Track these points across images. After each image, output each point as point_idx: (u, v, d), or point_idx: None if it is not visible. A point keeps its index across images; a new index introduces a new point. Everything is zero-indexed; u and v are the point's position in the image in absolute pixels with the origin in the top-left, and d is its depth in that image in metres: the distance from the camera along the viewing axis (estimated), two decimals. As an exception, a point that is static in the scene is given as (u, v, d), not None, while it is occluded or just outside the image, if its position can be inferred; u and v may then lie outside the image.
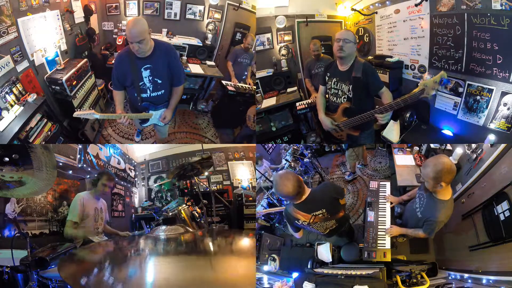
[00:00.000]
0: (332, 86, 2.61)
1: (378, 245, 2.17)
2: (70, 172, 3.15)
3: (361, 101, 2.49)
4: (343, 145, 3.90)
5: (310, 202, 2.01)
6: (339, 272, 2.04)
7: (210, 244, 1.94)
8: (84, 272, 1.35)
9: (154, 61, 2.47)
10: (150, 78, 2.50)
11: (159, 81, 2.54)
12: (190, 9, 4.76)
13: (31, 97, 2.76)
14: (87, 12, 3.94)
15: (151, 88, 2.55)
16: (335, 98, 2.60)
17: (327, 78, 2.66)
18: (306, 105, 3.90)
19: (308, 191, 2.03)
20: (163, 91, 2.60)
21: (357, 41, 2.53)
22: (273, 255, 2.79)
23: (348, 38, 2.42)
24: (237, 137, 4.50)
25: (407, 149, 3.20)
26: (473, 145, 2.45)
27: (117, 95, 2.62)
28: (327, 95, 2.70)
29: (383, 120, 2.32)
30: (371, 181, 2.69)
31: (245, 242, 1.97)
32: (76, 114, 2.37)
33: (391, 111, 2.28)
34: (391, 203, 2.45)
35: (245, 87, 4.37)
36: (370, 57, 3.89)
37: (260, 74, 4.39)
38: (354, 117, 2.47)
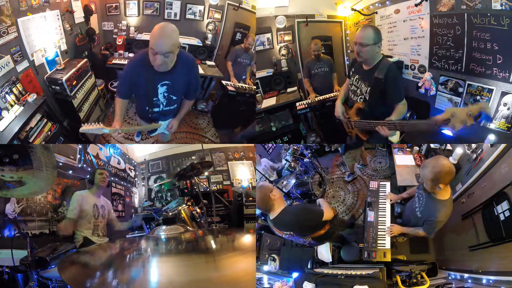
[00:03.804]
0: (353, 83, 2.50)
1: (378, 245, 2.17)
2: (70, 172, 3.16)
3: (376, 106, 2.33)
4: (339, 148, 3.89)
5: (279, 221, 2.09)
6: (339, 272, 2.04)
7: (212, 242, 1.94)
8: (87, 275, 1.35)
9: (174, 78, 2.19)
10: (166, 94, 2.27)
11: (174, 98, 2.33)
12: (190, 9, 4.77)
13: (31, 97, 2.77)
14: (87, 12, 3.94)
15: (164, 103, 2.34)
16: (353, 95, 2.52)
17: (351, 73, 2.55)
18: (306, 105, 3.90)
19: (281, 208, 2.07)
20: (176, 105, 2.43)
21: (380, 39, 2.23)
22: (273, 255, 2.78)
23: (364, 41, 2.20)
24: (239, 135, 4.50)
25: (407, 149, 3.20)
26: (473, 145, 2.45)
27: (119, 103, 2.31)
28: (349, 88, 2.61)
29: (390, 136, 2.16)
30: (371, 181, 2.69)
31: (247, 239, 1.97)
32: (83, 129, 2.06)
33: (400, 130, 2.10)
34: (391, 200, 2.45)
35: (245, 87, 4.37)
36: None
37: (260, 74, 4.38)
38: (364, 120, 2.36)
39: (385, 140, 2.69)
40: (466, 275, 2.00)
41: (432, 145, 3.04)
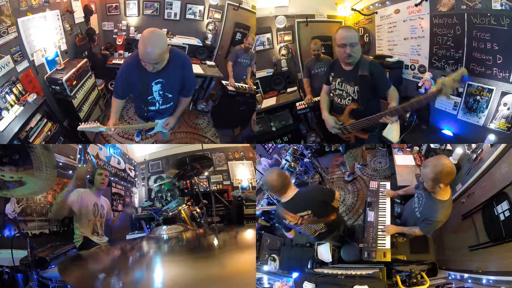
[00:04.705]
0: (336, 87, 2.48)
1: (378, 245, 2.17)
2: (70, 172, 3.15)
3: (368, 102, 2.36)
4: (340, 148, 3.89)
5: (296, 202, 2.01)
6: (339, 272, 2.04)
7: (215, 239, 1.94)
8: (91, 278, 1.34)
9: (167, 75, 2.23)
10: (161, 92, 2.31)
11: (170, 95, 2.37)
12: (190, 9, 4.77)
13: (31, 97, 2.76)
14: (87, 12, 3.94)
15: (160, 102, 2.38)
16: (339, 99, 2.50)
17: (331, 78, 2.53)
18: (306, 105, 3.90)
19: (295, 190, 2.03)
20: (172, 103, 2.45)
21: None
22: (273, 255, 2.78)
23: (355, 41, 2.21)
24: (238, 137, 4.50)
25: (407, 149, 3.20)
26: (473, 145, 2.45)
27: (116, 102, 2.38)
28: (331, 95, 2.60)
29: (393, 122, 2.19)
30: (371, 181, 2.69)
31: (248, 234, 1.97)
32: (81, 127, 2.20)
33: (404, 113, 2.16)
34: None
35: (245, 87, 4.37)
36: (370, 57, 3.88)
37: (260, 74, 4.39)
38: (362, 119, 2.34)
39: (379, 139, 2.70)
40: (466, 275, 1.99)
41: (432, 145, 3.04)
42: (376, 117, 2.23)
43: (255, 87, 4.38)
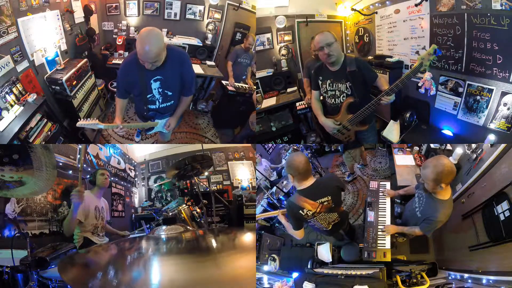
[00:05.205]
0: (327, 89, 2.56)
1: (378, 245, 2.17)
2: (70, 172, 3.15)
3: (362, 94, 2.47)
4: (339, 147, 3.91)
5: (316, 188, 2.02)
6: (339, 272, 2.04)
7: (213, 241, 1.94)
8: (89, 276, 1.35)
9: (166, 72, 2.25)
10: (160, 90, 2.33)
11: (169, 93, 2.37)
12: (190, 9, 4.77)
13: (31, 97, 2.77)
14: (87, 12, 3.95)
15: (160, 100, 2.39)
16: (333, 99, 2.56)
17: (320, 82, 2.60)
18: (306, 105, 3.90)
19: (313, 178, 2.06)
20: (172, 102, 2.45)
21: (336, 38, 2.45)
22: (273, 255, 2.78)
23: (329, 40, 2.35)
24: (237, 137, 4.50)
25: (407, 149, 3.20)
26: (473, 145, 2.45)
27: (119, 102, 2.43)
28: (323, 98, 2.66)
29: (390, 100, 2.35)
30: (371, 181, 2.69)
31: (247, 237, 1.96)
32: (80, 124, 2.22)
33: (397, 90, 2.34)
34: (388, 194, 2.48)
35: (245, 87, 4.37)
36: (370, 57, 3.89)
37: (260, 74, 4.39)
38: (360, 110, 2.45)
39: (376, 134, 2.76)
40: (466, 275, 2.00)
41: (432, 145, 3.04)
42: (375, 102, 2.37)
43: (255, 87, 4.38)
